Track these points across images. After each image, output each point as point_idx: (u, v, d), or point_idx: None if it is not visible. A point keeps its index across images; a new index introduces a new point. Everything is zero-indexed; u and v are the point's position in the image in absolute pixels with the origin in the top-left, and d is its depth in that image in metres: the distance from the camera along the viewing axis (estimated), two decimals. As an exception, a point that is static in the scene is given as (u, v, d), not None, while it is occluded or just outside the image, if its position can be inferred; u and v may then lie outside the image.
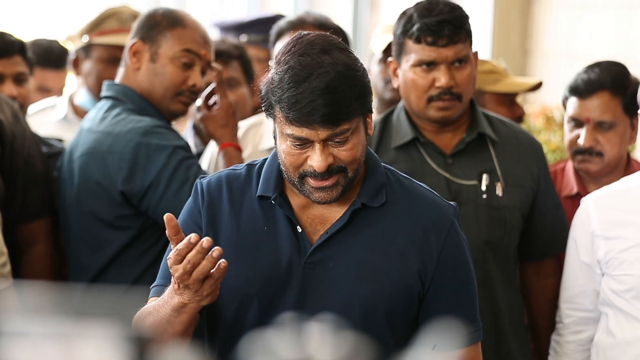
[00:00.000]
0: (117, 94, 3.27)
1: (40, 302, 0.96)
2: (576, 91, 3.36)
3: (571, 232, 3.11)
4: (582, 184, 3.44)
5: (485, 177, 3.14)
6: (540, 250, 3.28)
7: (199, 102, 3.35)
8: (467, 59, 3.09)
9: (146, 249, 3.18)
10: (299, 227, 2.36)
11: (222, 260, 2.19)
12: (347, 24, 6.96)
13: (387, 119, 3.23)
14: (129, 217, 3.17)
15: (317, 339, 1.13)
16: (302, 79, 2.23)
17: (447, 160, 3.15)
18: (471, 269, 2.42)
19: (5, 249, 3.09)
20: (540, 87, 4.03)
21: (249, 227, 2.38)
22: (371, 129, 2.35)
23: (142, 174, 3.11)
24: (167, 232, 2.22)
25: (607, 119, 3.33)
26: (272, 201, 2.37)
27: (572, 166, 3.47)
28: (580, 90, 3.35)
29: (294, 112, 2.23)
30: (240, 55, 3.88)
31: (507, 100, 3.91)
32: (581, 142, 3.34)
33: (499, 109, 3.80)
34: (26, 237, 3.35)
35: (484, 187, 3.13)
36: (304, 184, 2.31)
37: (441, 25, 3.03)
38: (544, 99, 4.99)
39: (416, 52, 3.07)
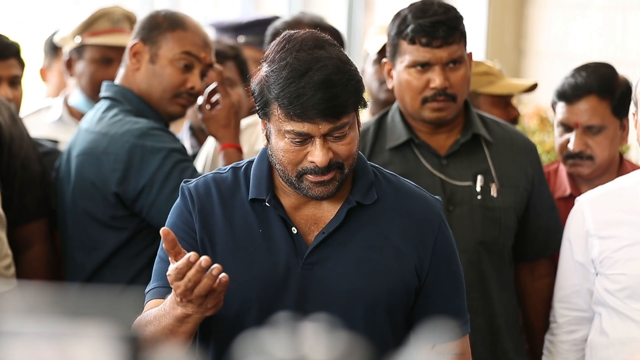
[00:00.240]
0: (115, 94, 3.27)
1: (35, 302, 0.96)
2: (564, 96, 3.36)
3: (565, 232, 3.11)
4: (575, 185, 3.44)
5: (479, 178, 3.14)
6: (534, 250, 3.29)
7: (200, 101, 3.34)
8: (462, 60, 3.09)
9: (141, 250, 3.18)
10: (294, 228, 2.36)
11: (223, 274, 2.16)
12: (342, 25, 6.96)
13: (381, 120, 3.23)
14: (124, 218, 3.17)
15: (312, 338, 1.13)
16: (302, 73, 2.24)
17: (441, 161, 3.15)
18: (459, 261, 2.47)
19: (9, 252, 3.10)
20: (535, 89, 4.03)
21: (243, 231, 2.37)
22: (360, 125, 2.37)
23: (136, 176, 3.11)
24: (164, 245, 2.20)
25: (596, 123, 3.32)
26: (266, 203, 2.37)
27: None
28: (567, 95, 3.34)
29: (295, 107, 2.23)
30: (235, 55, 3.87)
31: (502, 101, 3.91)
32: (571, 146, 3.35)
33: (493, 110, 3.80)
34: (23, 239, 3.34)
35: (478, 188, 3.13)
36: (303, 181, 2.31)
37: (435, 26, 3.04)
38: (538, 100, 4.99)
39: (410, 53, 3.07)
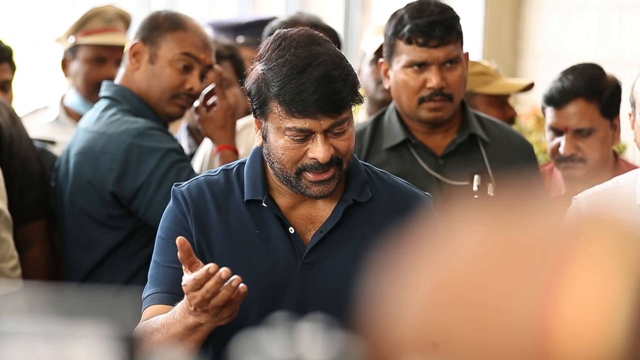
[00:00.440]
0: (114, 94, 3.27)
1: (33, 302, 0.96)
2: (552, 101, 3.35)
3: (562, 231, 3.11)
4: (570, 185, 3.44)
5: (476, 177, 3.14)
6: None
7: (197, 102, 3.34)
8: (458, 60, 3.09)
9: (138, 250, 3.18)
10: (291, 228, 2.37)
11: (242, 285, 2.15)
12: (338, 25, 6.96)
13: (378, 120, 3.23)
14: (120, 217, 3.16)
15: (309, 338, 1.13)
16: (301, 69, 2.24)
17: (438, 161, 3.15)
18: None
19: (15, 253, 3.10)
20: (531, 88, 4.03)
21: (240, 233, 2.36)
22: (354, 121, 2.38)
23: (132, 176, 3.11)
24: (179, 255, 2.18)
25: (585, 126, 3.32)
26: (263, 204, 2.36)
27: (560, 168, 3.47)
28: (555, 100, 3.34)
29: (297, 103, 2.23)
30: (231, 55, 3.87)
31: (499, 101, 3.91)
32: (562, 150, 3.35)
33: (490, 110, 3.80)
34: (23, 239, 3.34)
35: (475, 188, 3.14)
36: (301, 179, 2.31)
37: (432, 26, 3.04)
38: (534, 100, 4.99)
39: (407, 53, 3.07)
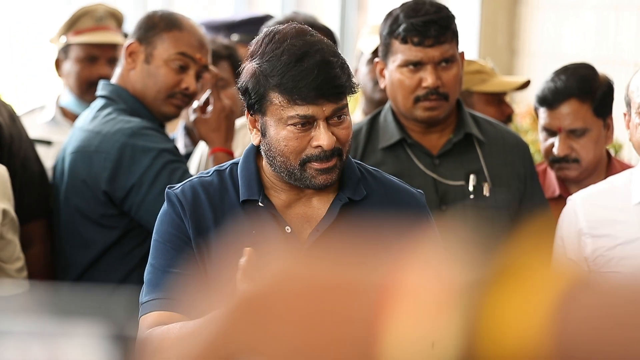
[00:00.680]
0: (110, 93, 3.28)
1: (31, 301, 0.96)
2: (545, 102, 3.36)
3: (558, 231, 3.11)
4: (564, 186, 3.45)
5: (472, 177, 3.15)
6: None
7: (196, 104, 3.34)
8: (454, 59, 3.10)
9: (131, 249, 3.18)
10: (287, 227, 2.37)
11: None
12: (335, 24, 6.96)
13: (374, 120, 3.23)
14: (114, 216, 3.16)
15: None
16: (300, 57, 2.27)
17: (434, 161, 3.16)
18: None
19: (22, 255, 3.10)
20: (528, 86, 4.03)
21: (236, 233, 2.37)
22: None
23: (125, 175, 3.11)
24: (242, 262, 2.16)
25: (578, 126, 3.33)
26: (259, 204, 2.37)
27: (554, 168, 3.48)
28: (548, 100, 3.35)
29: (300, 90, 2.25)
30: (229, 55, 3.87)
31: (496, 99, 3.92)
32: (555, 151, 3.35)
33: (487, 108, 3.80)
34: (23, 239, 3.34)
35: (471, 188, 3.14)
36: (306, 169, 2.32)
37: (427, 25, 3.04)
38: (530, 99, 4.99)
39: (402, 52, 3.07)
